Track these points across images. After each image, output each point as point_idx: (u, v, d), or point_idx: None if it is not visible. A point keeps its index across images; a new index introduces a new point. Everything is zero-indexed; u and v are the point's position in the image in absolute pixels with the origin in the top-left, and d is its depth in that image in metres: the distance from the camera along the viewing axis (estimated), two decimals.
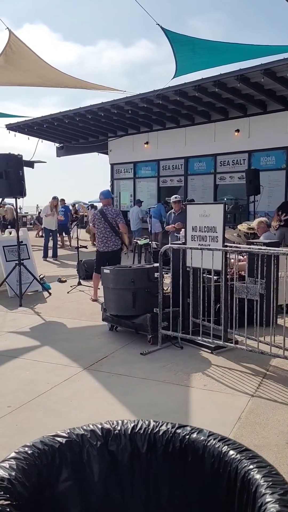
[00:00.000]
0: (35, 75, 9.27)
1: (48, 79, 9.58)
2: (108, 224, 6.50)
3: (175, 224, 8.11)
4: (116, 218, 6.58)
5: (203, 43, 8.03)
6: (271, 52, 8.45)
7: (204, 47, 8.05)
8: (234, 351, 4.41)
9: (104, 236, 6.53)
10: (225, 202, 8.01)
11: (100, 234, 6.56)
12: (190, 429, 1.43)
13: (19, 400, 3.41)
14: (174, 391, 3.56)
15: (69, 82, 9.97)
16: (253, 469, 1.21)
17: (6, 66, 8.27)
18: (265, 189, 10.91)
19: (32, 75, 9.25)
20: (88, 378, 3.86)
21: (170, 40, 7.48)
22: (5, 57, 7.88)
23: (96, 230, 6.63)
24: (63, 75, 9.33)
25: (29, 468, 1.28)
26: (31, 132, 15.30)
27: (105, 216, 6.54)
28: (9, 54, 7.81)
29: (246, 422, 3.06)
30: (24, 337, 5.10)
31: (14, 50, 7.75)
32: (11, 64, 8.21)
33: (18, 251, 6.91)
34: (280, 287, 4.99)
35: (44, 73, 9.08)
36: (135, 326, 4.85)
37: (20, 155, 6.75)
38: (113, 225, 6.54)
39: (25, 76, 9.30)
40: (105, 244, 6.54)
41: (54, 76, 9.31)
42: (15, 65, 8.34)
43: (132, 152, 15.00)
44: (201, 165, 13.48)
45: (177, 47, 7.72)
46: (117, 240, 6.59)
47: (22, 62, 8.30)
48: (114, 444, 1.44)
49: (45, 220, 12.08)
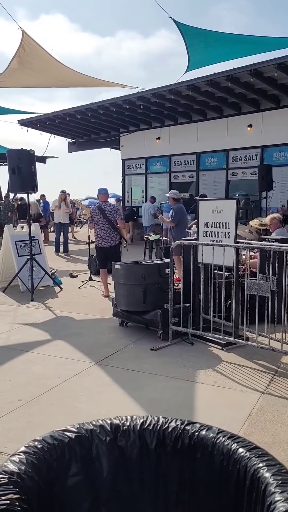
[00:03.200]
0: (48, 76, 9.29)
1: (61, 79, 9.59)
2: (107, 220, 6.56)
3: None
4: (114, 215, 6.66)
5: (215, 35, 7.97)
6: (285, 45, 8.33)
7: (217, 39, 7.97)
8: (244, 347, 4.39)
9: (102, 232, 6.60)
10: (238, 198, 7.94)
11: (99, 230, 6.62)
12: (199, 426, 1.43)
13: (30, 394, 3.44)
14: (184, 387, 3.56)
15: (81, 81, 9.97)
16: (262, 467, 1.20)
17: (20, 68, 8.30)
18: (277, 185, 10.80)
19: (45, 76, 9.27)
20: (99, 373, 3.88)
21: (182, 33, 7.43)
22: (19, 59, 7.90)
23: (94, 226, 6.66)
24: (76, 74, 9.33)
25: (38, 462, 1.28)
26: (43, 127, 15.34)
27: (103, 212, 6.59)
28: (22, 56, 7.83)
29: (256, 419, 3.04)
30: (36, 331, 5.14)
31: (27, 52, 7.76)
32: (25, 66, 8.24)
33: (30, 246, 6.95)
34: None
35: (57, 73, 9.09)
36: (145, 321, 4.85)
37: (32, 151, 6.78)
38: (112, 221, 6.59)
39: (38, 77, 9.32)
40: (103, 239, 6.61)
41: (67, 75, 9.32)
42: (29, 67, 8.37)
43: (143, 147, 14.96)
44: (213, 161, 13.39)
45: (190, 40, 7.66)
46: (115, 235, 6.66)
47: (35, 63, 8.32)
48: (123, 440, 1.44)
49: (55, 214, 12.08)
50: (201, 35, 7.94)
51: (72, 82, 9.93)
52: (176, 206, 7.61)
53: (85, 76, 9.53)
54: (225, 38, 8.20)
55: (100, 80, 10.10)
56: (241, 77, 10.10)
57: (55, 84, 10.08)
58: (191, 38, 7.80)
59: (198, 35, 7.89)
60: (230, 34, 8.28)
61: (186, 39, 7.74)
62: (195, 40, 7.88)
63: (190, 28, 7.73)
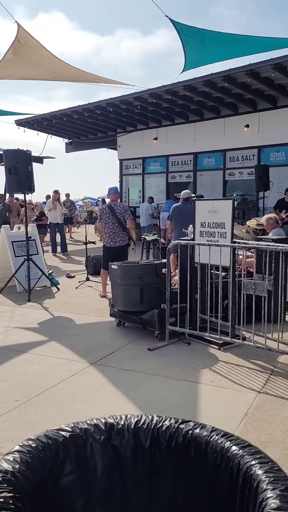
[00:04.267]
0: (44, 69, 9.27)
1: (57, 73, 9.58)
2: (116, 219, 6.48)
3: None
4: (124, 214, 6.57)
5: (212, 34, 7.97)
6: (282, 45, 8.35)
7: (213, 39, 7.98)
8: (241, 347, 4.40)
9: (112, 231, 6.51)
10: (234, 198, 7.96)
11: (108, 230, 6.54)
12: (193, 425, 1.43)
13: (27, 394, 3.44)
14: (181, 387, 3.57)
15: (78, 76, 9.97)
16: (255, 464, 1.20)
17: (15, 60, 8.28)
18: (274, 185, 10.83)
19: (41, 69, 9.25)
20: (96, 373, 3.89)
21: (178, 32, 7.43)
22: (14, 50, 7.88)
23: (103, 225, 6.58)
24: (72, 69, 9.32)
25: (33, 461, 1.29)
26: (40, 127, 15.33)
27: (113, 211, 6.51)
28: (17, 48, 7.82)
29: (252, 418, 3.05)
30: (33, 332, 5.14)
31: (22, 44, 7.75)
32: (20, 58, 8.22)
33: (27, 247, 6.95)
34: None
35: (54, 67, 9.08)
36: (142, 321, 4.86)
37: (29, 151, 6.78)
38: (121, 220, 6.52)
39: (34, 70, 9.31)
40: (112, 239, 6.53)
41: (64, 70, 9.31)
42: (24, 59, 8.35)
43: (141, 147, 14.97)
44: (210, 161, 13.41)
45: (186, 39, 7.67)
46: (124, 235, 6.58)
47: (31, 56, 8.30)
48: (117, 439, 1.44)
49: (49, 214, 12.10)
50: (197, 35, 7.95)
51: (68, 76, 9.91)
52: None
53: (81, 71, 9.53)
54: (221, 38, 8.20)
55: (96, 76, 10.09)
56: (238, 77, 10.12)
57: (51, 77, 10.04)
58: (187, 37, 7.80)
59: (195, 35, 7.89)
60: (227, 34, 8.29)
61: (183, 38, 7.74)
62: (192, 40, 7.89)
63: (186, 28, 7.73)
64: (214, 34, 8.15)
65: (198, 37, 8.03)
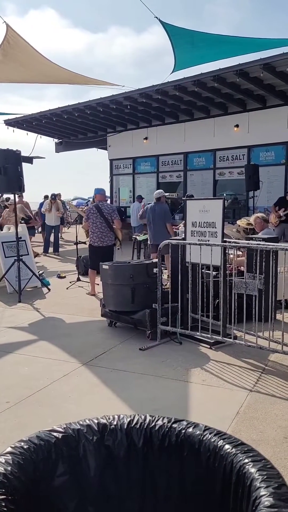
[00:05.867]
0: (33, 71, 9.21)
1: (47, 75, 9.53)
2: (104, 219, 6.57)
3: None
4: (112, 214, 6.66)
5: (201, 35, 7.99)
6: (271, 46, 8.40)
7: (203, 40, 8.01)
8: (233, 346, 4.42)
9: (100, 231, 6.58)
10: (225, 197, 8.00)
11: (96, 229, 6.59)
12: (186, 424, 1.43)
13: (18, 396, 3.42)
14: (173, 386, 3.57)
15: (68, 78, 9.92)
16: (248, 463, 1.21)
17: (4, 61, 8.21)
18: (264, 185, 10.88)
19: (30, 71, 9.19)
20: (87, 374, 3.87)
21: (168, 33, 7.44)
22: (3, 51, 7.82)
23: (90, 225, 6.62)
24: (62, 71, 9.28)
25: (25, 463, 1.28)
26: (29, 127, 15.25)
27: (100, 211, 6.59)
28: (6, 49, 7.76)
29: (244, 416, 3.07)
30: (23, 333, 5.10)
31: (12, 45, 7.70)
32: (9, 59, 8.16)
33: (17, 247, 6.90)
34: (279, 282, 4.98)
35: (43, 68, 9.02)
36: (134, 321, 4.85)
37: (19, 151, 6.73)
38: (109, 220, 6.60)
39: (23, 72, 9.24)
40: (100, 239, 6.60)
41: (54, 72, 9.26)
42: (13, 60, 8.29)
43: (131, 147, 14.96)
44: (201, 161, 13.45)
45: (176, 40, 7.68)
46: (112, 235, 6.67)
47: (21, 57, 8.24)
48: (110, 439, 1.44)
49: (46, 216, 12.14)
50: (187, 36, 7.96)
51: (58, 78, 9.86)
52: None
53: (71, 72, 9.48)
54: (211, 39, 8.23)
55: (86, 78, 10.06)
56: (228, 78, 10.16)
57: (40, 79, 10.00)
58: (177, 38, 7.81)
59: (184, 36, 7.91)
60: (216, 35, 8.32)
61: (172, 39, 7.75)
62: (181, 41, 7.90)
63: (176, 29, 7.74)
64: (203, 35, 8.17)
65: (187, 38, 8.04)
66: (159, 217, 7.88)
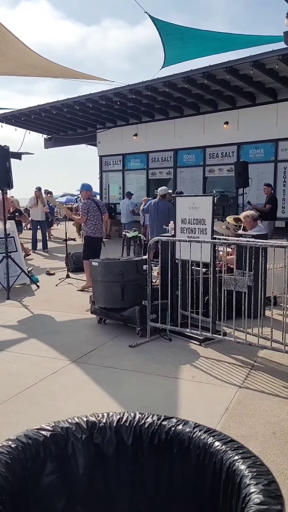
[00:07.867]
0: (23, 65, 9.11)
1: (36, 68, 9.43)
2: (100, 213, 7.02)
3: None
4: (103, 208, 7.15)
5: (191, 32, 7.99)
6: (260, 42, 8.43)
7: (193, 36, 8.00)
8: (222, 342, 4.43)
9: (98, 223, 7.00)
10: (214, 194, 8.01)
11: (95, 221, 6.96)
12: (175, 421, 1.43)
13: (6, 394, 3.39)
14: (162, 383, 3.57)
15: (58, 72, 9.83)
16: (238, 460, 1.20)
17: None
18: (253, 182, 10.92)
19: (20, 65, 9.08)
20: (77, 371, 3.85)
21: (158, 29, 7.41)
22: None
23: (91, 218, 6.93)
24: (52, 65, 9.19)
25: (12, 462, 1.26)
26: (18, 123, 15.10)
27: (97, 206, 7.02)
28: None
29: (233, 413, 3.07)
30: (12, 330, 5.06)
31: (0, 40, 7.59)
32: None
33: (5, 244, 6.84)
34: (268, 279, 5.01)
35: (33, 62, 8.92)
36: (123, 318, 4.84)
37: (7, 146, 6.66)
38: (101, 214, 7.07)
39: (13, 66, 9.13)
40: (99, 229, 7.01)
41: (44, 66, 9.16)
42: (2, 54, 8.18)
43: (121, 144, 14.90)
44: (190, 158, 13.45)
45: (165, 36, 7.67)
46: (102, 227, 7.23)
47: (9, 51, 8.14)
48: (99, 437, 1.42)
49: (31, 211, 12.01)
50: (177, 32, 7.95)
51: (48, 72, 9.77)
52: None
53: (61, 66, 9.40)
54: (201, 35, 8.23)
55: (76, 72, 9.98)
56: (217, 74, 10.16)
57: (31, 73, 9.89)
58: (167, 34, 7.80)
59: (174, 32, 7.90)
60: (206, 31, 8.34)
61: (162, 35, 7.74)
62: (171, 37, 7.89)
63: (166, 24, 7.73)
64: (193, 31, 8.17)
65: (177, 34, 8.04)
66: (163, 214, 7.89)
